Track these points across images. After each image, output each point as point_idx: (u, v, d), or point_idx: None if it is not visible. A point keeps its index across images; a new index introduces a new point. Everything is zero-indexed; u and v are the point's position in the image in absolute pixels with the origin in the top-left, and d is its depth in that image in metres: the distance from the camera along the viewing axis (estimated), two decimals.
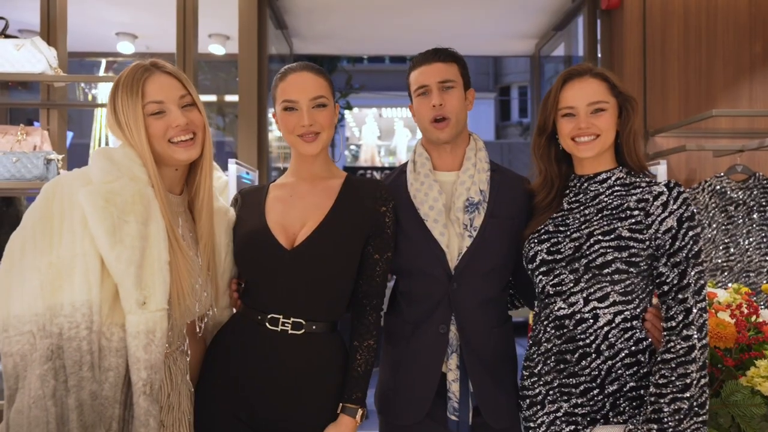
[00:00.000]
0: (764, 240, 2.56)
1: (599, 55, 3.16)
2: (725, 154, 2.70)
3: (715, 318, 1.67)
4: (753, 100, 2.91)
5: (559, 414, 1.38)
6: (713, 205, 2.63)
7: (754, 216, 2.58)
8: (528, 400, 1.45)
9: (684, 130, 2.80)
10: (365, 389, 1.43)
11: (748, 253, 2.57)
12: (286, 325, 1.37)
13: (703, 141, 2.84)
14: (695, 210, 1.34)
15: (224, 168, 2.47)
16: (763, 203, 2.58)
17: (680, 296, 1.28)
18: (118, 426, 1.13)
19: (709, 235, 2.62)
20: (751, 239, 2.57)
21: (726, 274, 2.58)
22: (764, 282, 2.54)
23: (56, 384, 1.08)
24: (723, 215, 2.62)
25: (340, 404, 1.40)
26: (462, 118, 1.54)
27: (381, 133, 15.46)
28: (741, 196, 2.60)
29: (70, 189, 1.14)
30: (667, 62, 2.92)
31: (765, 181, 2.61)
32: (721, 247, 2.60)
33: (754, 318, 1.71)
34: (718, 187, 2.62)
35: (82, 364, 1.09)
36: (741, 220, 2.59)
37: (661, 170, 2.34)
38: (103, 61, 4.04)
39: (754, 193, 2.59)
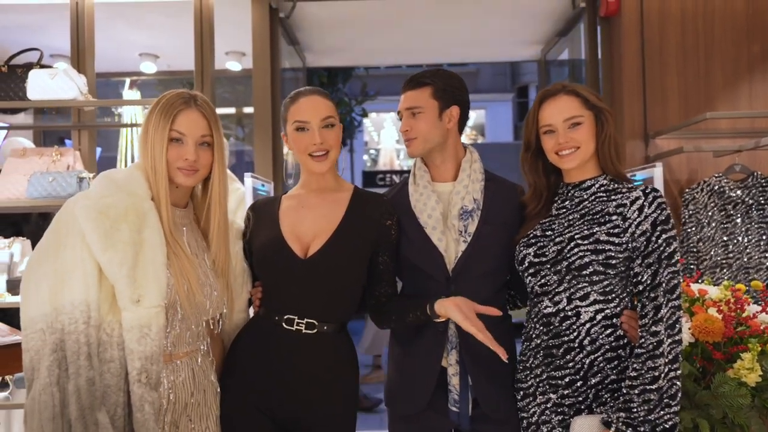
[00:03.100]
0: (763, 237, 2.61)
1: (600, 60, 3.24)
2: (724, 154, 2.76)
3: (704, 314, 1.74)
4: (753, 100, 2.95)
5: (549, 404, 1.48)
6: (712, 204, 2.69)
7: (753, 214, 2.64)
8: (522, 392, 1.55)
9: (684, 131, 2.86)
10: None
11: (747, 250, 2.62)
12: (300, 325, 1.51)
13: (703, 141, 2.89)
14: (670, 214, 1.43)
15: (242, 179, 2.63)
16: (762, 201, 2.63)
17: (652, 295, 1.37)
18: (123, 411, 1.28)
19: (709, 234, 2.68)
20: (750, 237, 2.63)
21: (725, 271, 2.63)
22: (764, 279, 2.59)
23: (59, 372, 1.25)
24: (722, 214, 2.67)
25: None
26: (432, 137, 1.63)
27: (399, 137, 15.54)
28: (740, 195, 2.66)
29: (74, 206, 1.33)
30: (665, 65, 2.98)
31: (763, 180, 2.66)
32: (720, 245, 2.65)
33: (744, 313, 1.78)
34: (716, 186, 2.68)
35: (79, 354, 1.25)
36: (740, 219, 2.65)
37: (656, 173, 2.41)
38: (128, 80, 4.25)
39: (753, 191, 2.65)
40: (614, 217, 1.44)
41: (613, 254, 1.42)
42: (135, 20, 3.53)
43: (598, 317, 1.44)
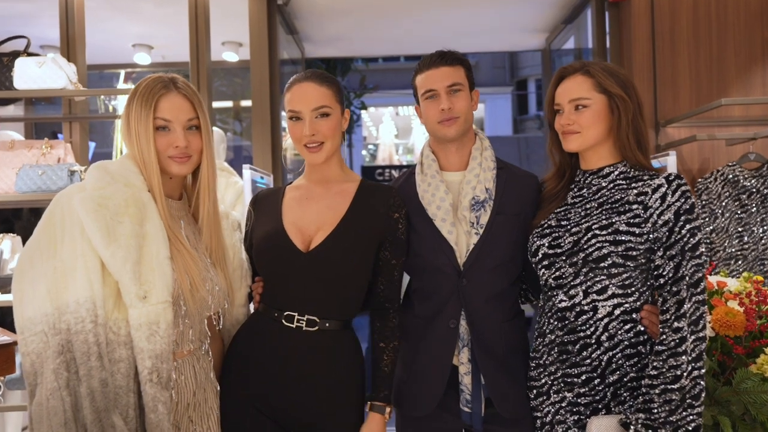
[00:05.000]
0: None
1: (608, 47, 3.15)
2: (738, 142, 2.68)
3: (725, 307, 1.68)
4: (767, 87, 2.87)
5: (564, 404, 1.42)
6: (726, 194, 2.61)
7: None
8: (535, 390, 1.49)
9: (696, 119, 2.78)
10: (392, 387, 1.51)
11: (763, 241, 2.54)
12: (300, 322, 1.44)
13: (716, 129, 2.81)
14: (695, 203, 1.35)
15: (240, 172, 2.55)
16: None
17: (674, 289, 1.30)
18: (134, 413, 1.21)
19: (722, 225, 2.60)
20: (765, 227, 2.55)
21: (740, 262, 2.56)
22: None
23: (69, 375, 1.17)
24: (736, 204, 2.60)
25: (369, 403, 1.48)
26: (469, 118, 1.58)
27: (398, 132, 15.48)
28: (754, 185, 2.58)
29: (69, 199, 1.24)
30: (676, 52, 2.90)
31: None
32: (734, 236, 2.58)
33: (766, 306, 1.71)
34: (730, 176, 2.61)
35: (89, 354, 1.18)
36: (755, 209, 2.57)
37: (670, 161, 2.33)
38: (122, 72, 4.16)
39: None
40: (635, 206, 1.36)
41: (633, 245, 1.34)
42: (127, 9, 3.44)
43: (617, 312, 1.37)
